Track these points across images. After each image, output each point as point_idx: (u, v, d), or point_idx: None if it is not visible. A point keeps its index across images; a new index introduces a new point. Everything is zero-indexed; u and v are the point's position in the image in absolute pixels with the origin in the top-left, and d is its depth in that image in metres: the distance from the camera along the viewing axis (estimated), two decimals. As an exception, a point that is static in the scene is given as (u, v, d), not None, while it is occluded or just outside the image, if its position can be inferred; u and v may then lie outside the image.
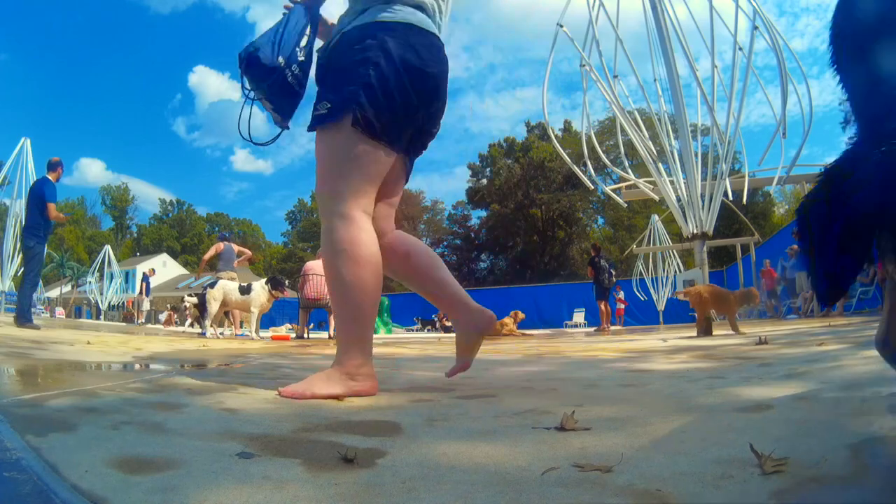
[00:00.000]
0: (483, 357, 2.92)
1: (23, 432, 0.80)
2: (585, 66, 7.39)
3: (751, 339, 3.16)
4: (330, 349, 4.03)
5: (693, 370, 1.74)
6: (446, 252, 43.82)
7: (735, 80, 6.61)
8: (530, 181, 39.81)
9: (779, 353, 2.14)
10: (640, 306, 17.63)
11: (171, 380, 1.56)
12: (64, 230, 45.80)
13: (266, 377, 1.79)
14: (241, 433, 0.88)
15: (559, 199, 38.29)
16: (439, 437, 0.87)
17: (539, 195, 39.02)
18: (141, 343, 3.77)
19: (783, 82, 6.87)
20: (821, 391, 1.13)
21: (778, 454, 0.64)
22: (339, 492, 0.61)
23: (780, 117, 7.07)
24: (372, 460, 0.73)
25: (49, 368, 1.70)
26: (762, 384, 1.29)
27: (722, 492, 0.58)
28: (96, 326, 8.36)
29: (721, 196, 6.45)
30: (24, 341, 3.05)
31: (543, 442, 0.81)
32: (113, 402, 1.14)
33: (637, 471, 0.65)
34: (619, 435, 0.84)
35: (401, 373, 2.01)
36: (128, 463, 0.69)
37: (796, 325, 5.51)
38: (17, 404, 1.06)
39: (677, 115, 6.51)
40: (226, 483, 0.63)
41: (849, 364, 1.61)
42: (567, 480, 0.63)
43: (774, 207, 35.01)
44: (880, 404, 0.91)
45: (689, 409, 1.03)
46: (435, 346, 4.54)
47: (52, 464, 0.67)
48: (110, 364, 2.20)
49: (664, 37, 6.54)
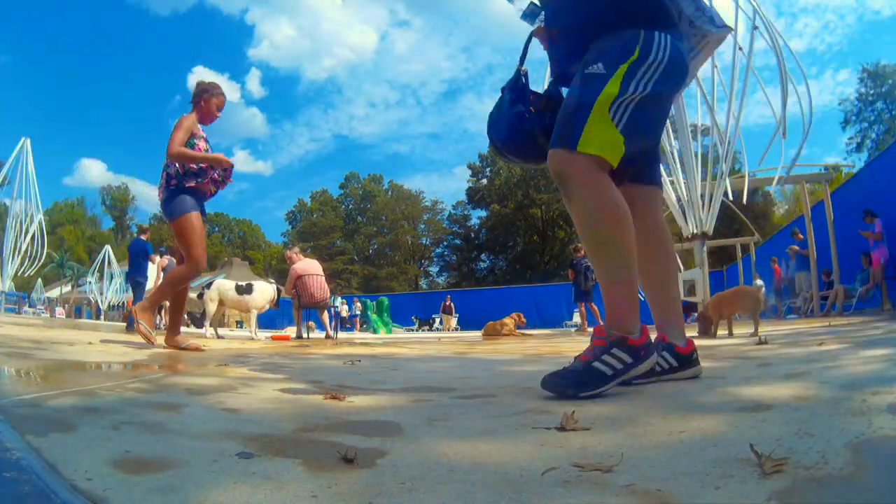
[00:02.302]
0: (483, 357, 2.92)
1: (23, 432, 0.80)
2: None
3: (751, 339, 3.15)
4: (331, 349, 4.03)
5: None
6: (446, 252, 43.89)
7: (735, 80, 6.61)
8: (530, 181, 39.82)
9: (779, 352, 2.14)
10: (640, 306, 17.59)
11: (171, 380, 1.56)
12: (64, 230, 45.83)
13: (266, 377, 1.79)
14: (241, 433, 0.88)
15: (559, 199, 38.05)
16: (439, 437, 0.87)
17: (539, 195, 39.04)
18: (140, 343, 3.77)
19: (783, 82, 6.87)
20: (821, 391, 1.13)
21: (778, 454, 0.64)
22: (339, 492, 0.61)
23: (779, 117, 7.07)
24: (372, 460, 0.73)
25: (49, 368, 1.70)
26: (762, 384, 1.29)
27: (722, 492, 0.58)
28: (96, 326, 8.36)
29: (721, 196, 6.46)
30: (24, 341, 3.05)
31: (543, 442, 0.81)
32: (113, 402, 1.14)
33: (637, 471, 0.65)
34: (619, 435, 0.84)
35: (401, 373, 2.01)
36: (128, 463, 0.69)
37: (796, 325, 5.51)
38: (18, 404, 1.06)
39: (677, 115, 6.51)
40: (226, 483, 0.63)
41: (849, 364, 1.60)
42: (567, 480, 0.63)
43: (774, 207, 35.03)
44: (880, 404, 0.91)
45: (689, 409, 1.03)
46: (435, 345, 4.54)
47: (52, 464, 0.67)
48: (110, 364, 2.20)
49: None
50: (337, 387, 1.48)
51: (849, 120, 34.08)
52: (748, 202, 10.25)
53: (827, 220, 9.16)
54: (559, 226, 39.90)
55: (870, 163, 13.01)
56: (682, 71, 1.43)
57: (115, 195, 56.12)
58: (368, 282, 40.79)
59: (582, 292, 9.20)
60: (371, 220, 46.73)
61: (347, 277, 40.66)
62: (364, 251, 45.84)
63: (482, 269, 42.92)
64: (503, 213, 40.71)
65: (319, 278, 6.90)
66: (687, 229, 6.39)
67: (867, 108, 33.47)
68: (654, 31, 1.37)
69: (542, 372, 1.29)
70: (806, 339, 2.84)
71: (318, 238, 45.28)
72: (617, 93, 1.30)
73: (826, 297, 8.76)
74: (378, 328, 15.59)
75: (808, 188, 10.83)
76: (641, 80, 1.32)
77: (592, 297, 9.45)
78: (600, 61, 1.35)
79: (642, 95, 1.32)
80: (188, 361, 2.43)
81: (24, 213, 15.74)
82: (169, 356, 2.73)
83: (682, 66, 1.42)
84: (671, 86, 1.41)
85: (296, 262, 6.95)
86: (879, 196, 8.33)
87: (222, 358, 2.65)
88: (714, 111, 6.62)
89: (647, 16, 1.40)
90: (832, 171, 11.01)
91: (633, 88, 1.31)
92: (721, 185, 6.40)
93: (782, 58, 6.88)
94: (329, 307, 7.58)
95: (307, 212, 49.08)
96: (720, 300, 4.03)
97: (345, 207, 49.10)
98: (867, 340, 2.41)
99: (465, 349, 3.81)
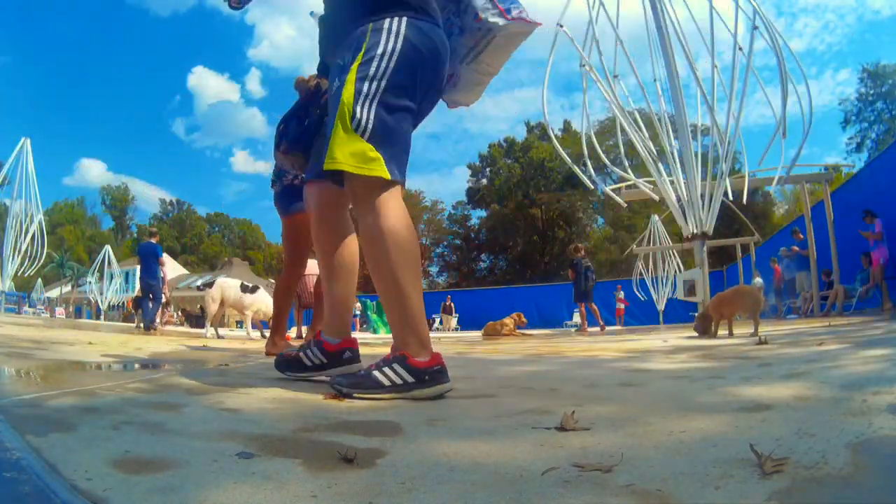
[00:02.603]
0: (483, 357, 2.92)
1: (23, 432, 0.80)
2: (585, 67, 7.38)
3: (751, 339, 3.15)
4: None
5: (693, 370, 1.74)
6: (446, 252, 43.84)
7: (735, 80, 6.61)
8: (530, 181, 39.82)
9: (779, 353, 2.14)
10: (640, 306, 17.62)
11: (171, 380, 1.56)
12: (64, 230, 45.81)
13: (266, 377, 1.79)
14: (241, 433, 0.88)
15: (559, 199, 38.29)
16: (439, 437, 0.87)
17: (539, 195, 39.02)
18: (141, 343, 3.77)
19: (783, 82, 6.87)
20: (821, 391, 1.13)
21: (778, 454, 0.64)
22: (339, 492, 0.61)
23: (779, 117, 7.06)
24: (372, 460, 0.73)
25: (49, 368, 1.70)
26: (762, 384, 1.29)
27: (722, 492, 0.58)
28: (96, 326, 8.36)
29: (721, 196, 6.45)
30: (24, 341, 3.05)
31: (543, 442, 0.81)
32: (113, 402, 1.14)
33: (637, 471, 0.65)
34: (619, 435, 0.84)
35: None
36: (128, 463, 0.69)
37: (796, 325, 5.50)
38: (18, 404, 1.06)
39: (677, 115, 6.51)
40: (226, 483, 0.63)
41: (849, 364, 1.60)
42: (567, 480, 0.63)
43: (774, 207, 35.01)
44: (880, 404, 0.91)
45: (689, 409, 1.03)
46: (435, 346, 4.53)
47: (52, 464, 0.67)
48: (110, 364, 2.20)
49: (664, 37, 6.54)
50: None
51: (849, 120, 34.09)
52: (748, 202, 10.24)
53: (827, 220, 9.16)
54: (559, 226, 39.90)
55: (870, 163, 13.01)
56: (424, 54, 1.34)
57: (114, 195, 56.10)
58: (368, 282, 40.62)
59: (582, 292, 9.19)
60: (371, 220, 46.63)
61: (347, 277, 40.53)
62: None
63: (482, 269, 42.89)
64: (503, 213, 40.68)
65: (317, 278, 6.90)
66: (687, 229, 6.39)
67: (867, 108, 33.47)
68: (384, 18, 1.31)
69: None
70: (806, 339, 2.84)
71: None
72: (352, 99, 1.26)
73: (826, 297, 8.76)
74: (378, 328, 15.59)
75: (808, 188, 10.84)
76: (374, 78, 1.27)
77: (592, 297, 9.44)
78: (338, 67, 1.35)
79: (379, 92, 1.27)
80: (188, 361, 2.43)
81: (24, 213, 15.74)
82: (169, 356, 2.73)
83: (423, 51, 1.33)
84: (412, 73, 1.32)
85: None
86: (879, 196, 8.33)
87: (222, 358, 2.65)
88: (714, 111, 6.61)
89: (388, 2, 1.33)
90: (832, 171, 11.00)
91: (367, 88, 1.27)
92: (721, 185, 6.40)
93: (782, 58, 6.88)
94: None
95: (307, 212, 49.00)
96: (720, 300, 4.03)
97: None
98: (867, 340, 2.41)
99: (466, 349, 3.81)
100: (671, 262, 16.29)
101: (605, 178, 25.36)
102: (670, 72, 6.53)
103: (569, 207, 38.72)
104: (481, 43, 1.53)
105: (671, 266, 16.22)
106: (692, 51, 7.04)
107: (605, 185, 12.96)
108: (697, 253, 6.22)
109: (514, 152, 42.04)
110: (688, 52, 6.85)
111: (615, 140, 10.21)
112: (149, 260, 8.13)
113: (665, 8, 6.67)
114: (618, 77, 7.63)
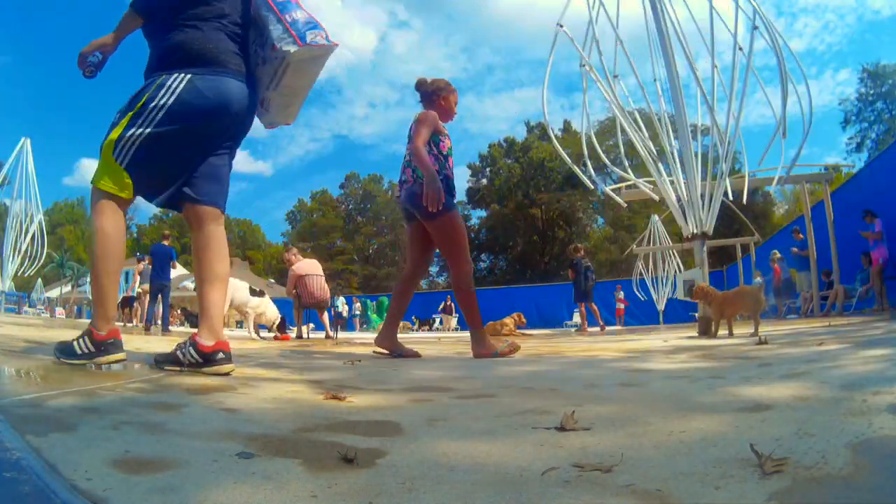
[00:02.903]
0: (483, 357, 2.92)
1: (23, 432, 0.80)
2: (585, 67, 7.38)
3: (751, 339, 3.15)
4: (331, 348, 4.02)
5: (693, 370, 1.74)
6: (446, 252, 43.77)
7: (735, 80, 6.60)
8: (530, 181, 39.82)
9: (779, 353, 2.14)
10: (640, 306, 17.62)
11: (171, 380, 1.55)
12: (64, 230, 45.81)
13: (266, 377, 1.79)
14: (241, 433, 0.88)
15: (559, 199, 38.30)
16: (439, 437, 0.87)
17: (539, 195, 39.02)
18: (141, 343, 3.77)
19: (783, 82, 6.86)
20: (821, 391, 1.13)
21: (778, 454, 0.64)
22: (339, 492, 0.61)
23: (779, 117, 7.06)
24: (372, 460, 0.73)
25: (49, 368, 1.70)
26: (762, 384, 1.29)
27: (722, 492, 0.58)
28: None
29: (721, 196, 6.44)
30: (24, 341, 3.05)
31: (543, 442, 0.81)
32: (113, 402, 1.14)
33: (637, 471, 0.65)
34: (619, 435, 0.84)
35: (401, 373, 2.01)
36: (128, 463, 0.69)
37: (796, 325, 5.51)
38: (17, 404, 1.06)
39: (677, 115, 6.50)
40: (226, 483, 0.63)
41: (849, 364, 1.61)
42: (567, 480, 0.63)
43: (774, 207, 35.02)
44: (880, 404, 0.91)
45: (689, 409, 1.03)
46: (434, 345, 4.54)
47: (52, 464, 0.67)
48: (110, 364, 2.19)
49: (664, 37, 6.53)
50: (337, 387, 1.48)
51: (849, 120, 34.08)
52: (748, 202, 10.23)
53: (827, 220, 9.16)
54: (559, 226, 39.90)
55: (870, 163, 13.01)
56: (197, 109, 1.63)
57: (115, 195, 56.04)
58: (368, 282, 40.77)
59: (582, 292, 9.19)
60: (371, 220, 46.73)
61: (347, 277, 40.64)
62: (364, 251, 45.82)
63: (482, 269, 42.85)
64: (503, 213, 40.68)
65: (320, 278, 6.91)
66: (687, 229, 6.37)
67: (867, 108, 33.47)
68: (171, 73, 1.62)
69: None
70: (806, 339, 2.84)
71: (318, 238, 45.28)
72: (117, 137, 1.61)
73: (826, 297, 8.76)
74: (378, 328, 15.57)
75: (808, 188, 10.83)
76: (142, 124, 1.61)
77: (592, 297, 9.44)
78: (122, 109, 1.66)
79: (143, 136, 1.60)
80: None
81: (24, 213, 15.73)
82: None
83: (196, 106, 1.63)
84: (179, 125, 1.62)
85: (295, 264, 6.96)
86: (879, 196, 8.34)
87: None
88: (714, 111, 6.60)
89: (179, 59, 1.65)
90: (832, 171, 10.99)
91: (133, 131, 1.60)
92: (721, 185, 6.39)
93: (782, 58, 6.87)
94: (329, 307, 7.61)
95: (307, 212, 49.05)
96: (724, 299, 4.03)
97: (345, 207, 49.11)
98: (867, 340, 2.41)
99: (466, 349, 3.81)
100: (671, 262, 16.29)
101: (605, 178, 25.37)
102: (670, 72, 6.52)
103: (569, 207, 38.71)
104: (279, 70, 1.75)
105: (671, 266, 16.21)
106: (692, 51, 7.04)
107: (605, 185, 12.96)
108: (697, 253, 6.21)
109: (514, 152, 42.04)
110: (688, 53, 6.85)
111: (615, 140, 10.19)
112: (163, 261, 8.38)
113: (665, 8, 6.66)
114: (618, 77, 7.63)
